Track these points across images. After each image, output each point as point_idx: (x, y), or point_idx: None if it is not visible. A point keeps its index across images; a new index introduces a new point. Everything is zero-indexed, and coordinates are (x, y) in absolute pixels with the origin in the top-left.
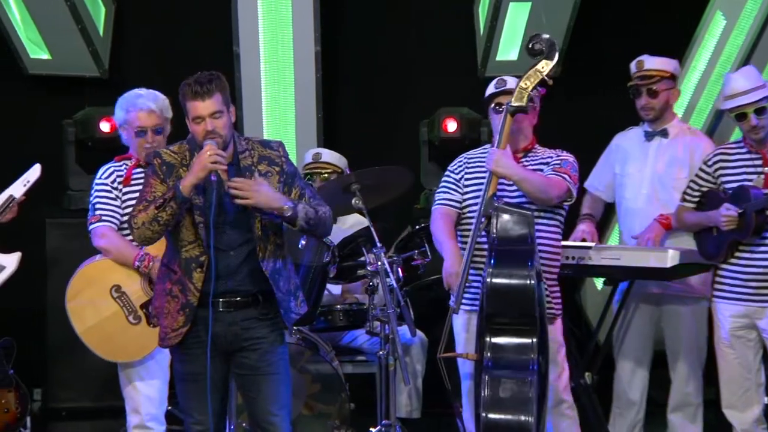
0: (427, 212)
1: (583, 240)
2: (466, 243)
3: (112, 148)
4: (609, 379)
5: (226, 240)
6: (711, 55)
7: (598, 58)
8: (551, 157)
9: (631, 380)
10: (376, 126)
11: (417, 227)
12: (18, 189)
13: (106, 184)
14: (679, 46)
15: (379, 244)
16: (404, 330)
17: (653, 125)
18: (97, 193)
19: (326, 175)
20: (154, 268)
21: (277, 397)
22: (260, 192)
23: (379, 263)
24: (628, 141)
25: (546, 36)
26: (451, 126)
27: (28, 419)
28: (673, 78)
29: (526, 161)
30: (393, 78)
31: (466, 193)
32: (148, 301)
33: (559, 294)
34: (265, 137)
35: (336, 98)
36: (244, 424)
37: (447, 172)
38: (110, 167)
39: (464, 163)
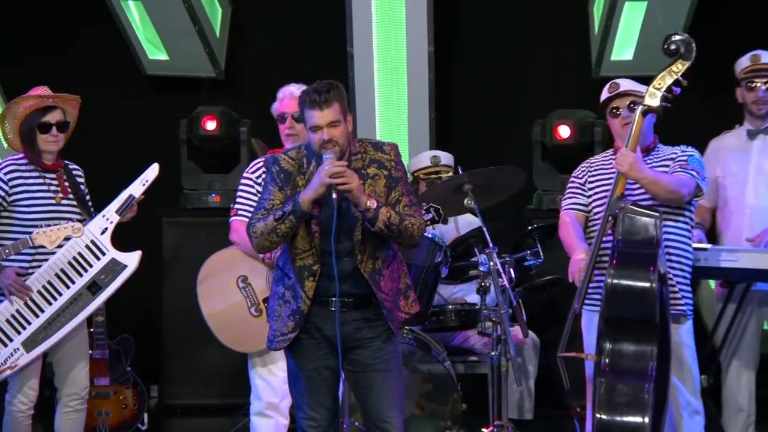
0: (539, 213)
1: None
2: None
3: (218, 147)
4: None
5: (340, 247)
6: None
7: (715, 59)
8: (675, 154)
9: (739, 385)
10: (488, 126)
11: (530, 227)
12: (137, 188)
13: (250, 179)
14: None
15: (491, 245)
16: (516, 331)
17: (756, 123)
18: (240, 187)
19: (446, 177)
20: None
21: (390, 394)
22: (355, 180)
23: (492, 263)
24: (726, 142)
25: (682, 36)
26: (564, 132)
27: (145, 415)
28: None
29: (649, 160)
30: (506, 78)
31: (591, 197)
32: (269, 296)
33: (690, 294)
34: (378, 138)
35: (449, 98)
36: (356, 423)
37: (571, 178)
38: (259, 161)
39: (587, 169)
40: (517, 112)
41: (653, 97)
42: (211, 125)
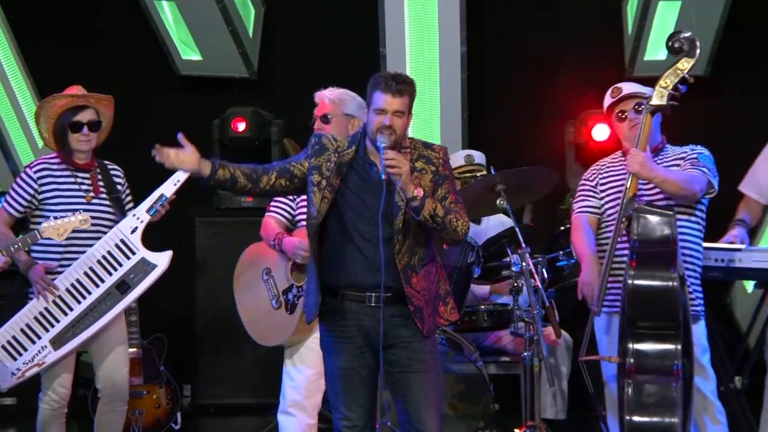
0: (570, 213)
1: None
2: (605, 248)
3: (248, 148)
4: (760, 383)
5: (376, 232)
6: None
7: (750, 58)
8: (685, 153)
9: None
10: (521, 126)
11: (562, 228)
12: (168, 188)
13: None
14: None
15: (524, 245)
16: (549, 331)
17: None
18: None
19: (481, 176)
20: (284, 244)
21: (428, 396)
22: (406, 165)
23: (524, 264)
24: None
25: (687, 34)
26: (601, 133)
27: (179, 415)
28: None
29: (659, 160)
30: (538, 77)
31: (603, 198)
32: (287, 288)
33: (701, 293)
34: (426, 141)
35: (481, 98)
36: (389, 423)
37: (582, 181)
38: None
39: (597, 171)
40: (549, 113)
41: (660, 97)
42: (240, 126)
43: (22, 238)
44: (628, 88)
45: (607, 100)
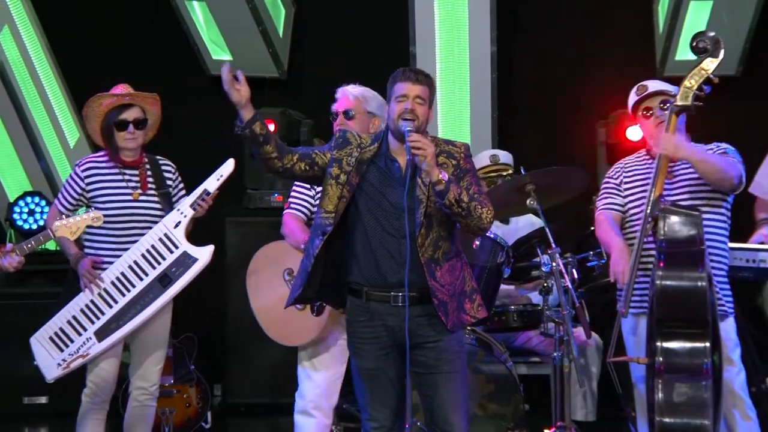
0: None
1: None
2: (630, 248)
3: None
4: None
5: (398, 225)
6: None
7: None
8: (711, 149)
9: None
10: (551, 126)
11: (592, 228)
12: (212, 183)
13: None
14: None
15: (554, 245)
16: (579, 332)
17: None
18: (294, 184)
19: (507, 176)
20: None
21: (455, 396)
22: (431, 148)
23: (554, 264)
24: None
25: (711, 34)
26: (634, 133)
27: (209, 414)
28: None
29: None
30: (569, 77)
31: (627, 197)
32: None
33: (729, 291)
34: (447, 138)
35: (511, 98)
36: (418, 423)
37: (605, 179)
38: None
39: (621, 170)
40: (580, 112)
41: (685, 97)
42: (269, 127)
43: (35, 237)
44: (653, 85)
45: (632, 97)
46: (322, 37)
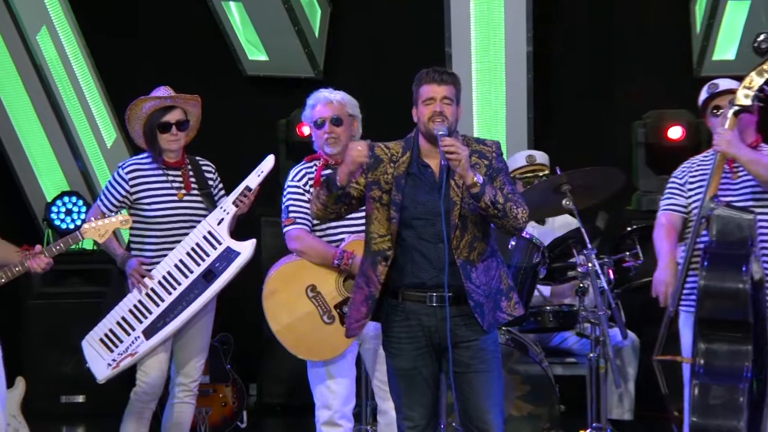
0: (638, 214)
1: None
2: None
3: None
4: None
5: (434, 231)
6: None
7: None
8: None
9: None
10: (587, 126)
11: (629, 228)
12: (253, 180)
13: (298, 187)
14: None
15: (590, 246)
16: (615, 332)
17: None
18: (290, 196)
19: (543, 176)
20: (355, 266)
21: (491, 395)
22: (465, 151)
23: (590, 265)
24: None
25: None
26: (675, 132)
27: (244, 413)
28: None
29: None
30: (605, 77)
31: (690, 197)
32: (342, 301)
33: None
34: (478, 137)
35: (547, 98)
36: (453, 424)
37: (671, 178)
38: (301, 169)
39: (687, 169)
40: (615, 112)
41: (745, 97)
42: (305, 131)
43: (63, 239)
44: (724, 84)
45: (703, 95)
46: (358, 37)
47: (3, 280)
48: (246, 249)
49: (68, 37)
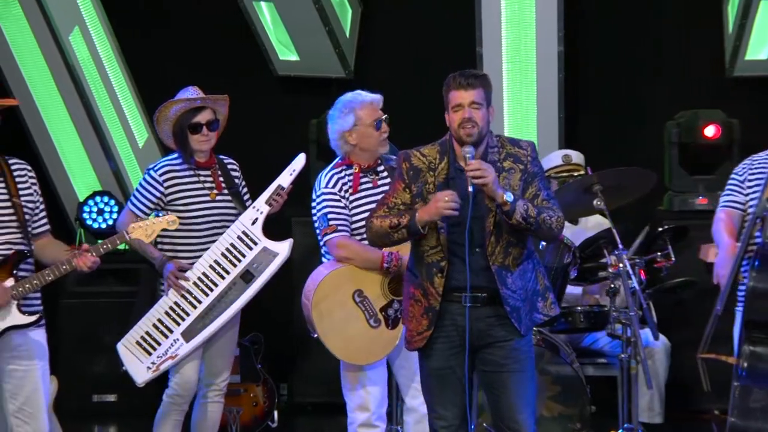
0: (670, 214)
1: None
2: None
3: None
4: None
5: (470, 239)
6: None
7: None
8: None
9: None
10: (618, 126)
11: (660, 229)
12: (285, 178)
13: (334, 193)
14: None
15: (621, 246)
16: (646, 333)
17: None
18: (326, 203)
19: (578, 176)
20: (402, 266)
21: (523, 396)
22: (491, 174)
23: (621, 265)
24: None
25: None
26: (710, 131)
27: (275, 413)
28: None
29: None
30: (636, 77)
31: (748, 195)
32: (386, 304)
33: None
34: (513, 137)
35: (578, 98)
36: (484, 424)
37: (731, 175)
38: (332, 175)
39: (748, 166)
40: (647, 112)
41: None
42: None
43: (111, 239)
44: None
45: None
46: (389, 37)
47: (50, 278)
48: (284, 249)
49: (100, 38)
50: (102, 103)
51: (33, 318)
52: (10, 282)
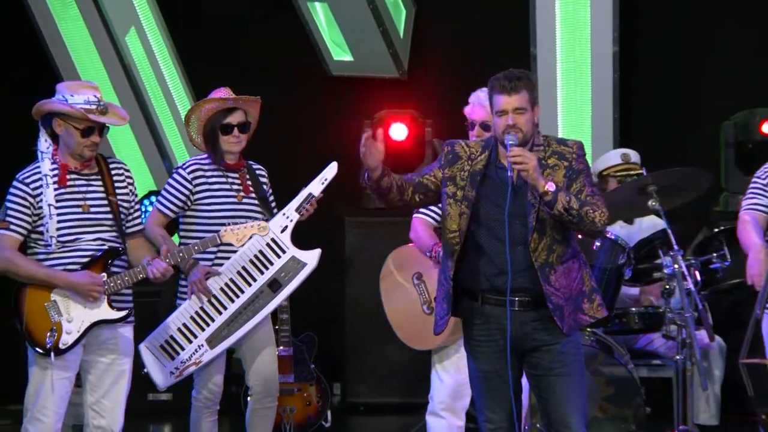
0: (726, 215)
1: None
2: None
3: (405, 149)
4: None
5: (511, 233)
6: None
7: None
8: None
9: None
10: (673, 126)
11: (716, 230)
12: (316, 187)
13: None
14: None
15: (676, 247)
16: (702, 334)
17: None
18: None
19: (635, 175)
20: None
21: (572, 399)
22: (533, 160)
23: (676, 266)
24: None
25: None
26: (766, 127)
27: (329, 413)
28: None
29: None
30: (691, 77)
31: None
32: None
33: None
34: (561, 137)
35: (632, 98)
36: (538, 425)
37: (753, 179)
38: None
39: None
40: (702, 112)
41: None
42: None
43: (202, 241)
44: None
45: None
46: (443, 37)
47: (142, 276)
48: (312, 259)
49: (156, 38)
50: (157, 103)
51: (122, 314)
52: (102, 277)
